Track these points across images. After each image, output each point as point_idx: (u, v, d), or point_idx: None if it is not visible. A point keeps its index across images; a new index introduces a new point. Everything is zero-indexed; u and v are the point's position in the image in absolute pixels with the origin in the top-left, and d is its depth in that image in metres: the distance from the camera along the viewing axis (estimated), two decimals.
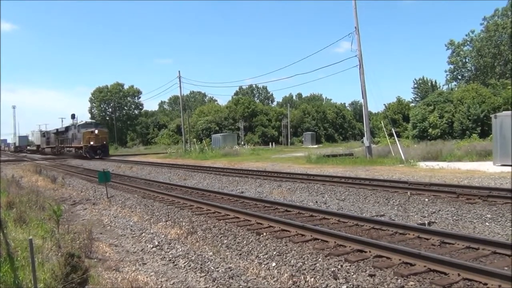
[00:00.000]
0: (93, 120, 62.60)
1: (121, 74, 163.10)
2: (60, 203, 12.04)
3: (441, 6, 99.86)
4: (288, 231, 7.93)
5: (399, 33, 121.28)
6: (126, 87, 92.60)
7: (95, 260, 6.58)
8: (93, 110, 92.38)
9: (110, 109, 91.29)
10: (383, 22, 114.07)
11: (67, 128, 51.24)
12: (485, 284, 4.86)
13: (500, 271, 4.99)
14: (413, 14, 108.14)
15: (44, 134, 65.52)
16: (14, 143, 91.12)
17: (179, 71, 49.93)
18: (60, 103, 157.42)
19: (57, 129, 57.21)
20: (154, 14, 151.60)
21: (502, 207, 9.31)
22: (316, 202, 11.59)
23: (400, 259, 5.82)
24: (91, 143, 43.08)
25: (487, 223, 8.27)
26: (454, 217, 8.86)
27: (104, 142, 44.87)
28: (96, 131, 44.08)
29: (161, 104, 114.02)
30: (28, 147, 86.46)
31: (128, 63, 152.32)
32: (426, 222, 8.43)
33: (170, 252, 7.11)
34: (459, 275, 5.12)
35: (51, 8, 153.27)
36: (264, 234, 7.83)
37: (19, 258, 5.86)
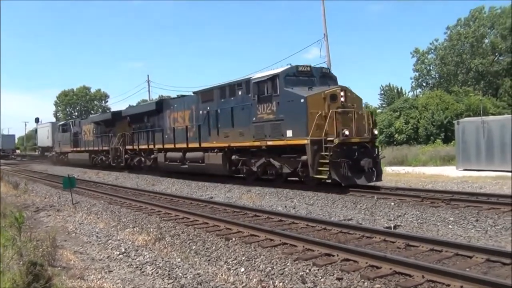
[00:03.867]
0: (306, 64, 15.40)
1: (89, 77, 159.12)
2: (23, 209, 11.63)
3: (407, 14, 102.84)
4: (257, 236, 7.94)
5: (367, 40, 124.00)
6: (93, 90, 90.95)
7: (59, 268, 6.39)
8: (58, 114, 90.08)
9: (76, 113, 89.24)
10: (351, 29, 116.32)
11: (159, 105, 21.73)
12: (448, 285, 5.00)
13: (462, 272, 5.16)
14: (380, 23, 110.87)
15: (65, 127, 36.81)
16: None
17: (147, 75, 49.18)
18: (22, 107, 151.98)
19: (112, 113, 29.04)
20: (125, 16, 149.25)
21: (464, 210, 9.61)
22: (285, 206, 11.64)
23: (367, 262, 5.92)
24: (345, 133, 13.17)
25: (450, 226, 8.52)
26: (419, 220, 9.08)
27: (372, 128, 14.23)
28: (343, 96, 13.55)
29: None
30: (18, 151, 64.53)
31: (97, 66, 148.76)
32: (392, 225, 8.61)
33: (137, 259, 6.98)
34: (423, 277, 5.25)
35: (13, 7, 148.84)
36: (233, 239, 7.82)
37: None
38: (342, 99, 13.50)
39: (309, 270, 5.86)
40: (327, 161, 12.77)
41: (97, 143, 29.47)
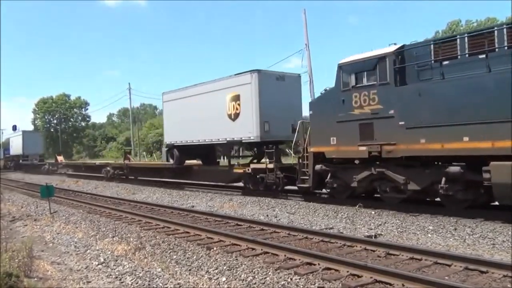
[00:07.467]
0: None
1: (68, 85, 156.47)
2: None
3: (385, 26, 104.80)
4: (239, 245, 7.92)
5: (347, 50, 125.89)
6: (72, 98, 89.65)
7: (36, 279, 6.24)
8: (36, 122, 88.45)
9: (55, 121, 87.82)
10: (332, 39, 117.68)
11: None
12: None
13: (440, 280, 5.22)
14: (359, 34, 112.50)
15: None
16: (4, 151, 46.26)
17: (129, 83, 48.69)
18: None
19: None
20: (103, 24, 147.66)
21: (443, 219, 9.74)
22: (267, 215, 11.63)
23: (348, 271, 5.95)
24: None
25: (429, 235, 8.63)
26: (399, 229, 9.17)
27: None
28: None
29: (110, 116, 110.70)
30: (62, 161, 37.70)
31: (75, 74, 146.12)
32: (373, 234, 8.67)
33: (117, 269, 6.86)
34: (403, 285, 5.30)
35: None
36: (215, 248, 7.77)
37: None
38: None
39: (291, 279, 5.86)
40: None
41: None
